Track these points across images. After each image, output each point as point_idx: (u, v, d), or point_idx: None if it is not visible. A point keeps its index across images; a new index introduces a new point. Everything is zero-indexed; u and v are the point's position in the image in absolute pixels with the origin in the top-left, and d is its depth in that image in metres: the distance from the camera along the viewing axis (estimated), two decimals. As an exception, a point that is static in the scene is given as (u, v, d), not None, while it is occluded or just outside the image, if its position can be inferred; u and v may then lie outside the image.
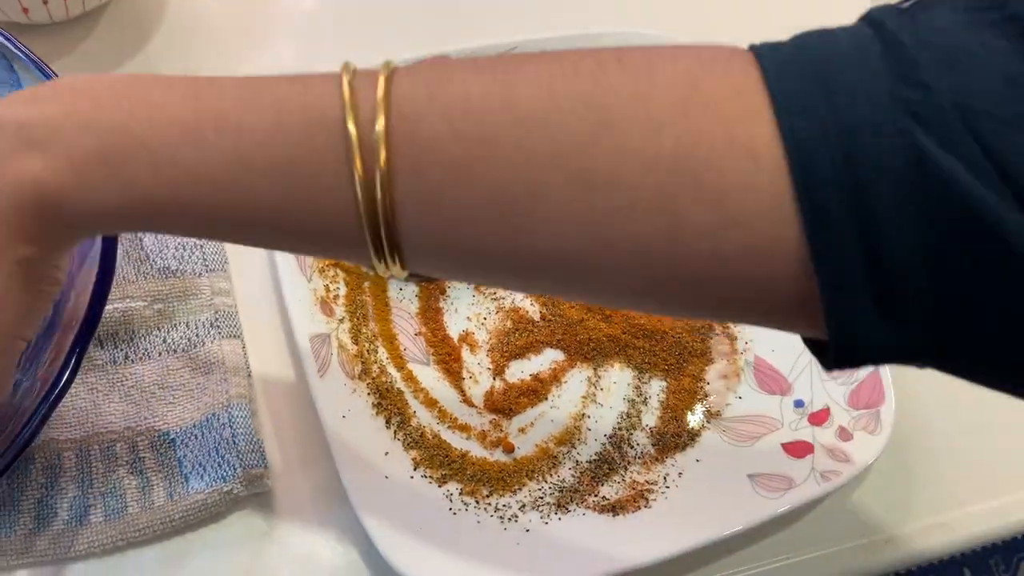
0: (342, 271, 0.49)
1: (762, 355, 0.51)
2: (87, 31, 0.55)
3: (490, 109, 0.26)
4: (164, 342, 0.45)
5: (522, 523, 0.44)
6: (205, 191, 0.27)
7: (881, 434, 0.46)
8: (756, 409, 0.49)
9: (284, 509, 0.44)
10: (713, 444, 0.48)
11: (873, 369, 0.48)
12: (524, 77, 0.27)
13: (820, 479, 0.45)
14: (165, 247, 0.47)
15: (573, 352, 0.50)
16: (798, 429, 0.48)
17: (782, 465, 0.46)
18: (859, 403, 0.48)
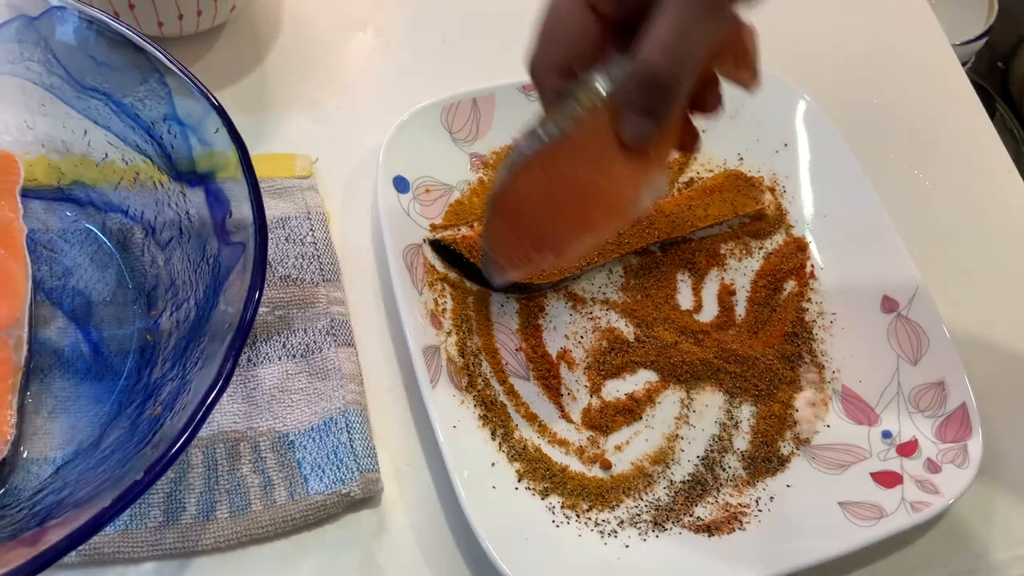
0: (448, 285, 0.51)
1: (849, 385, 0.52)
2: (210, 44, 0.58)
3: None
4: (284, 347, 0.47)
5: (621, 539, 0.45)
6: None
7: (969, 468, 0.47)
8: (844, 438, 0.50)
9: (393, 512, 0.45)
10: (803, 470, 0.49)
11: (961, 403, 0.49)
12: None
13: (911, 509, 0.46)
14: (286, 256, 0.49)
15: (667, 374, 0.52)
16: (887, 460, 0.49)
17: (872, 494, 0.47)
18: (947, 436, 0.49)
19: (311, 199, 0.52)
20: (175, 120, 0.42)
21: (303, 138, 0.56)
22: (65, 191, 0.47)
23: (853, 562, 0.47)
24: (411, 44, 0.62)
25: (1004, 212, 0.63)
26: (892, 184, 0.62)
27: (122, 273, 0.46)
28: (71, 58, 0.43)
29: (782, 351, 0.53)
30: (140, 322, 0.45)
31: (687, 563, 0.45)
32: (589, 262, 0.53)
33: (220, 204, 0.41)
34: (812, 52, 0.68)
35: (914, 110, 0.67)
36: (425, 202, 0.53)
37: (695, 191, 0.58)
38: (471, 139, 0.56)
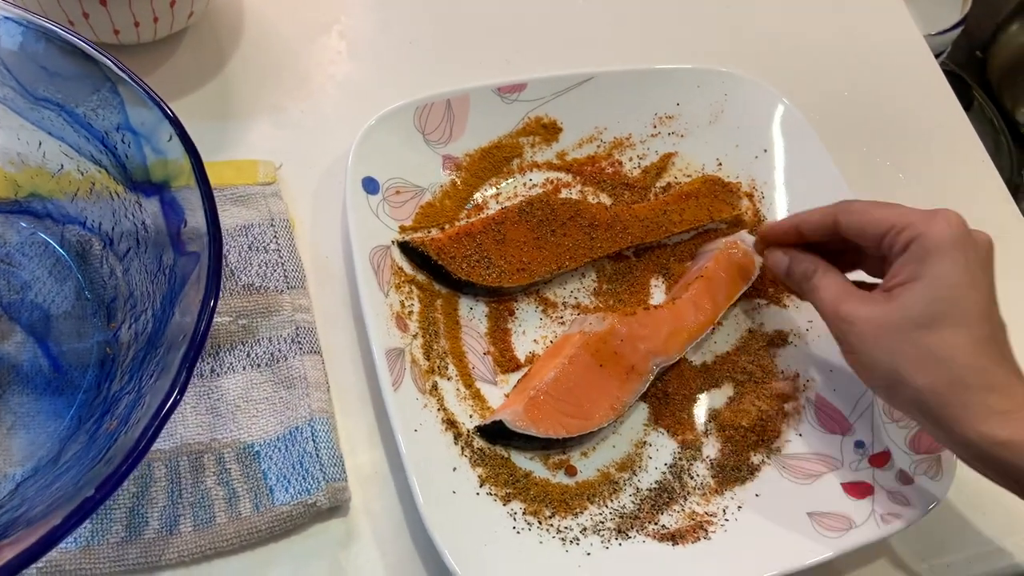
0: (416, 288, 0.51)
1: (823, 394, 0.52)
2: (170, 52, 0.57)
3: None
4: (248, 356, 0.46)
5: (583, 546, 0.45)
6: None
7: (942, 479, 0.47)
8: (816, 447, 0.50)
9: (361, 521, 0.45)
10: (772, 480, 0.49)
11: None
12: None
13: (880, 521, 0.46)
14: (249, 264, 0.49)
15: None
16: (858, 470, 0.48)
17: (842, 504, 0.47)
18: (920, 448, 0.48)
19: (275, 206, 0.51)
20: (128, 129, 0.42)
21: (268, 144, 0.55)
22: (22, 203, 0.47)
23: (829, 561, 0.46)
24: (378, 47, 0.62)
25: (979, 202, 0.63)
26: (864, 176, 0.62)
27: (81, 285, 0.46)
28: (22, 69, 0.43)
29: (756, 359, 0.53)
30: (99, 335, 0.44)
31: (648, 572, 0.44)
32: (561, 266, 0.53)
33: (175, 213, 0.40)
34: (784, 45, 0.68)
35: (886, 101, 0.67)
36: (395, 204, 0.53)
37: (671, 196, 0.57)
38: (444, 141, 0.56)
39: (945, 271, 0.42)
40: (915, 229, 0.43)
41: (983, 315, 0.42)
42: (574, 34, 0.65)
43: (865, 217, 0.45)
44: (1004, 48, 1.06)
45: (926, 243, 0.42)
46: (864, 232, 0.45)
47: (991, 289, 0.43)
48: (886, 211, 0.45)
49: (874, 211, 0.45)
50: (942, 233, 0.42)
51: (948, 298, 0.41)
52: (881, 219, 0.44)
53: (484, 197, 0.56)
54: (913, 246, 0.43)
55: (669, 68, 0.60)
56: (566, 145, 0.58)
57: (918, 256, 0.43)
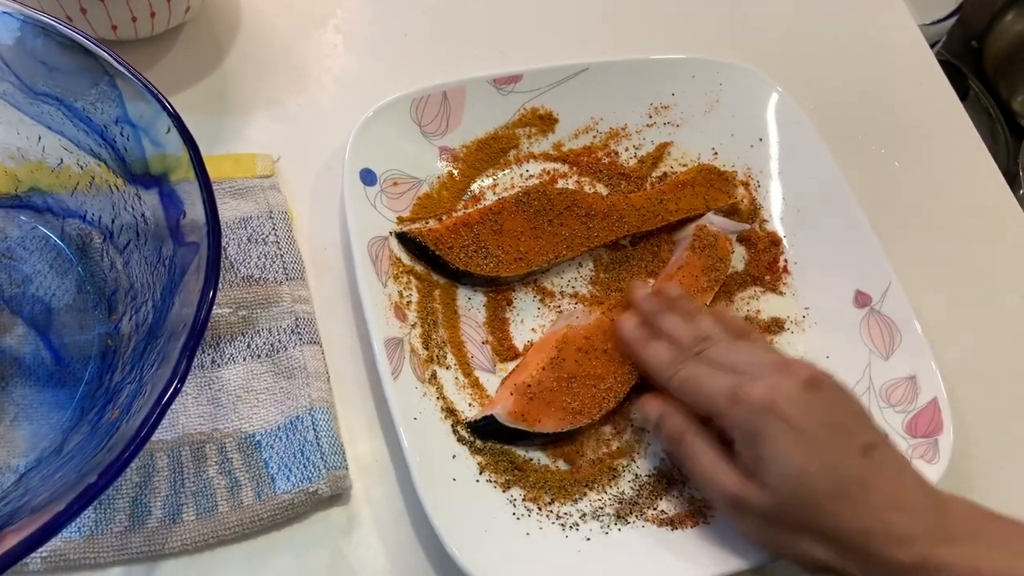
0: (414, 278, 0.51)
1: None
2: (168, 47, 0.57)
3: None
4: (248, 347, 0.47)
5: (583, 532, 0.45)
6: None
7: (939, 463, 0.47)
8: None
9: (362, 509, 0.45)
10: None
11: (932, 398, 0.49)
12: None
13: None
14: (248, 256, 0.49)
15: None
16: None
17: None
18: (917, 432, 0.49)
19: (273, 198, 0.52)
20: (127, 122, 0.42)
21: (266, 138, 0.56)
22: (22, 198, 0.47)
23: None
24: (373, 41, 0.62)
25: (975, 190, 0.63)
26: (860, 165, 0.62)
27: (82, 278, 0.46)
28: (21, 64, 0.43)
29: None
30: (101, 327, 0.45)
31: (648, 556, 0.45)
32: (558, 255, 0.53)
33: (174, 205, 0.40)
34: (779, 35, 0.68)
35: (881, 90, 0.67)
36: (392, 195, 0.53)
37: (667, 185, 0.58)
38: (441, 132, 0.56)
39: (778, 454, 0.40)
40: (726, 421, 0.42)
41: (839, 467, 0.40)
42: (569, 25, 0.66)
43: (687, 397, 0.44)
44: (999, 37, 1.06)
45: (743, 436, 0.41)
46: (692, 408, 0.45)
47: (839, 432, 0.41)
48: (704, 391, 0.43)
49: (695, 390, 0.44)
50: (749, 423, 0.41)
51: (797, 478, 0.40)
52: (697, 404, 0.44)
53: (481, 188, 0.56)
54: (736, 438, 0.42)
55: (664, 58, 0.60)
56: (562, 136, 0.59)
57: (746, 446, 0.41)
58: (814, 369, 0.43)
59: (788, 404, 0.40)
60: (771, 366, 0.43)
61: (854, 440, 0.41)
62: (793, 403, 0.40)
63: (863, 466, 0.40)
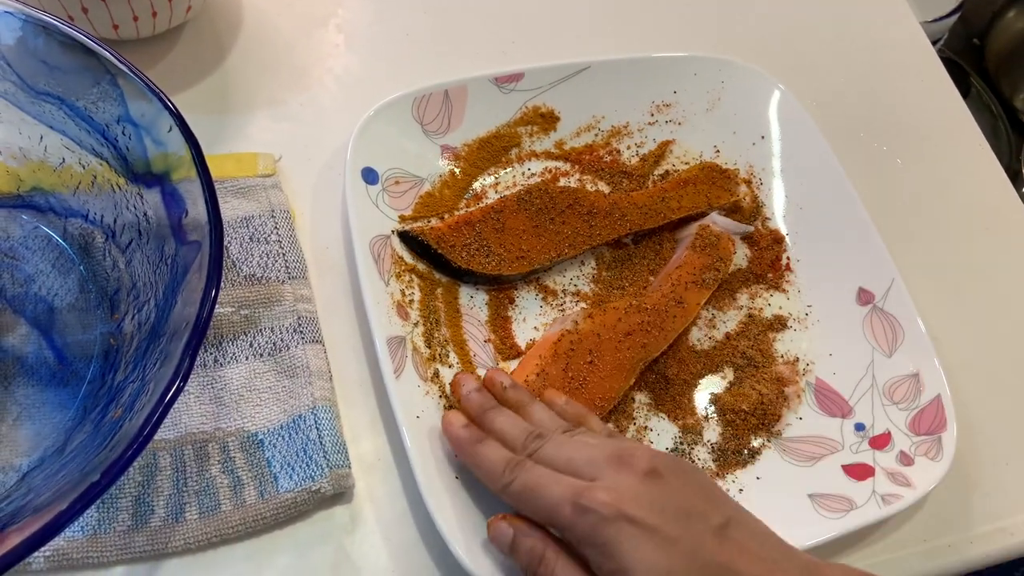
0: (417, 276, 0.51)
1: (823, 377, 0.52)
2: (169, 46, 0.57)
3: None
4: (251, 346, 0.47)
5: None
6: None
7: (943, 460, 0.47)
8: (817, 430, 0.50)
9: (365, 507, 0.45)
10: (773, 463, 0.49)
11: (936, 395, 0.49)
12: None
13: (881, 502, 0.46)
14: (250, 255, 0.49)
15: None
16: (859, 452, 0.49)
17: (843, 486, 0.47)
18: (920, 429, 0.49)
19: (275, 197, 0.52)
20: (129, 121, 0.42)
21: (268, 137, 0.56)
22: (24, 198, 0.47)
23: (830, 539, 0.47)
24: (374, 40, 0.62)
25: (977, 188, 0.63)
26: (861, 163, 0.62)
27: (84, 278, 0.46)
28: (23, 63, 0.43)
29: (756, 343, 0.53)
30: (103, 326, 0.45)
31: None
32: (560, 254, 0.53)
33: (176, 204, 0.40)
34: (781, 32, 0.68)
35: (883, 88, 0.67)
36: (394, 194, 0.53)
37: (669, 183, 0.58)
38: (442, 131, 0.56)
39: (638, 561, 0.37)
40: (573, 533, 0.39)
41: (700, 559, 0.37)
42: (570, 23, 0.66)
43: (527, 507, 0.41)
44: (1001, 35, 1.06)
45: (594, 548, 0.38)
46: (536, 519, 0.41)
47: (691, 519, 0.38)
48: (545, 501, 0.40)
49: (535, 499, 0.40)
50: (599, 533, 0.38)
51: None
52: (540, 515, 0.40)
53: (483, 186, 0.56)
54: (585, 549, 0.39)
55: (666, 56, 0.60)
56: (564, 134, 0.59)
57: (601, 558, 0.38)
58: (649, 455, 0.40)
59: (634, 505, 0.38)
60: (607, 462, 0.40)
61: (708, 523, 0.39)
62: (639, 502, 0.38)
63: (724, 550, 0.38)
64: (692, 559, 0.37)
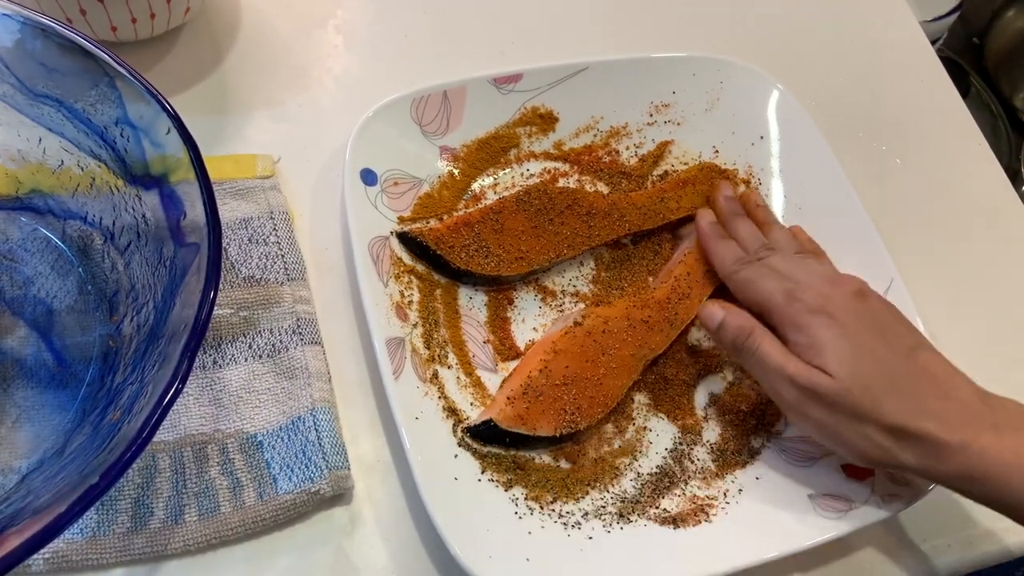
0: (416, 278, 0.51)
1: None
2: (168, 48, 0.57)
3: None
4: (250, 348, 0.47)
5: (585, 531, 0.45)
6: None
7: None
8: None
9: (364, 508, 0.45)
10: (773, 463, 0.49)
11: None
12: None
13: (880, 502, 0.46)
14: (249, 257, 0.49)
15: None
16: None
17: (842, 486, 0.47)
18: None
19: (273, 199, 0.52)
20: (127, 123, 0.42)
21: (266, 138, 0.56)
22: (23, 200, 0.47)
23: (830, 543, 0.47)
24: (373, 41, 0.62)
25: (977, 187, 0.63)
26: (861, 162, 0.62)
27: (83, 280, 0.46)
28: (21, 65, 0.43)
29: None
30: (102, 328, 0.45)
31: (650, 555, 0.45)
32: (559, 254, 0.53)
33: (175, 206, 0.40)
34: (780, 32, 0.68)
35: (882, 88, 0.67)
36: (393, 195, 0.53)
37: (668, 183, 0.58)
38: (441, 132, 0.56)
39: (834, 348, 0.43)
40: (781, 316, 0.46)
41: (888, 364, 0.43)
42: (569, 24, 0.66)
43: (743, 293, 0.49)
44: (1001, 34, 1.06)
45: (796, 328, 0.45)
46: (745, 303, 0.49)
47: (886, 335, 0.44)
48: (762, 287, 0.48)
49: (753, 287, 0.48)
50: (804, 321, 0.44)
51: (853, 368, 0.43)
52: (753, 300, 0.48)
53: (482, 187, 0.56)
54: (789, 331, 0.45)
55: (664, 56, 0.60)
56: (563, 135, 0.59)
57: (801, 335, 0.44)
58: (862, 283, 0.47)
59: (838, 309, 0.44)
60: (823, 278, 0.47)
61: (901, 342, 0.44)
62: (842, 309, 0.44)
63: (910, 363, 0.43)
64: (880, 364, 0.43)
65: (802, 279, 0.47)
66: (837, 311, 0.44)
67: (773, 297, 0.46)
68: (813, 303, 0.45)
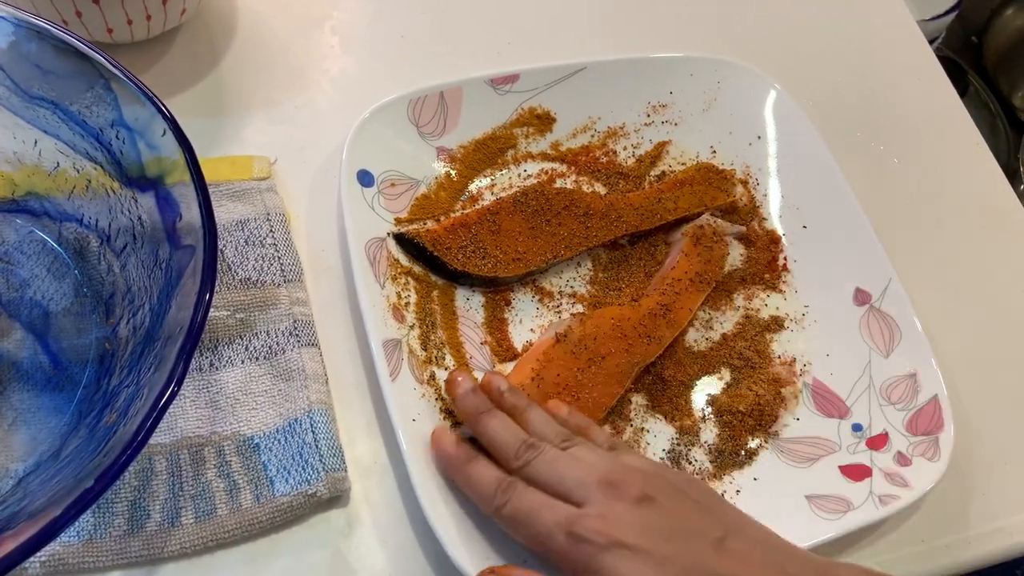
0: (412, 279, 0.51)
1: (821, 378, 0.52)
2: (164, 49, 0.57)
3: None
4: (246, 350, 0.47)
5: None
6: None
7: (940, 461, 0.47)
8: (814, 431, 0.50)
9: (362, 511, 0.45)
10: (770, 464, 0.49)
11: (933, 395, 0.49)
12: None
13: (879, 503, 0.46)
14: (246, 258, 0.49)
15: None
16: (856, 452, 0.48)
17: (840, 487, 0.47)
18: (918, 429, 0.48)
19: (270, 200, 0.52)
20: (122, 125, 0.42)
21: (263, 140, 0.56)
22: (19, 202, 0.47)
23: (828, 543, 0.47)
24: (370, 41, 0.62)
25: (975, 186, 0.63)
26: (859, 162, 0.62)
27: (79, 282, 0.46)
28: (17, 67, 0.43)
29: (752, 344, 0.53)
30: (98, 330, 0.45)
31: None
32: (556, 255, 0.53)
33: (170, 208, 0.40)
34: (777, 32, 0.68)
35: (880, 87, 0.67)
36: (390, 196, 0.53)
37: (665, 184, 0.58)
38: (438, 133, 0.56)
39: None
40: (567, 562, 0.39)
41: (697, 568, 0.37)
42: (566, 24, 0.66)
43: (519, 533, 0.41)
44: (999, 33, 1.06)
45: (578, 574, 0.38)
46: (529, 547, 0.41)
47: (687, 538, 0.38)
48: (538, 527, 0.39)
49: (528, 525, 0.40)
50: (596, 562, 0.38)
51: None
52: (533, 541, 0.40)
53: (479, 188, 0.56)
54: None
55: (661, 57, 0.60)
56: (560, 135, 0.59)
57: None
58: (641, 479, 0.40)
59: (627, 531, 0.38)
60: (598, 486, 0.40)
61: (706, 538, 0.38)
62: (632, 528, 0.38)
63: (725, 562, 0.38)
64: (697, 567, 0.37)
65: (576, 492, 0.40)
66: (626, 535, 0.38)
67: (553, 540, 0.39)
68: (600, 538, 0.38)
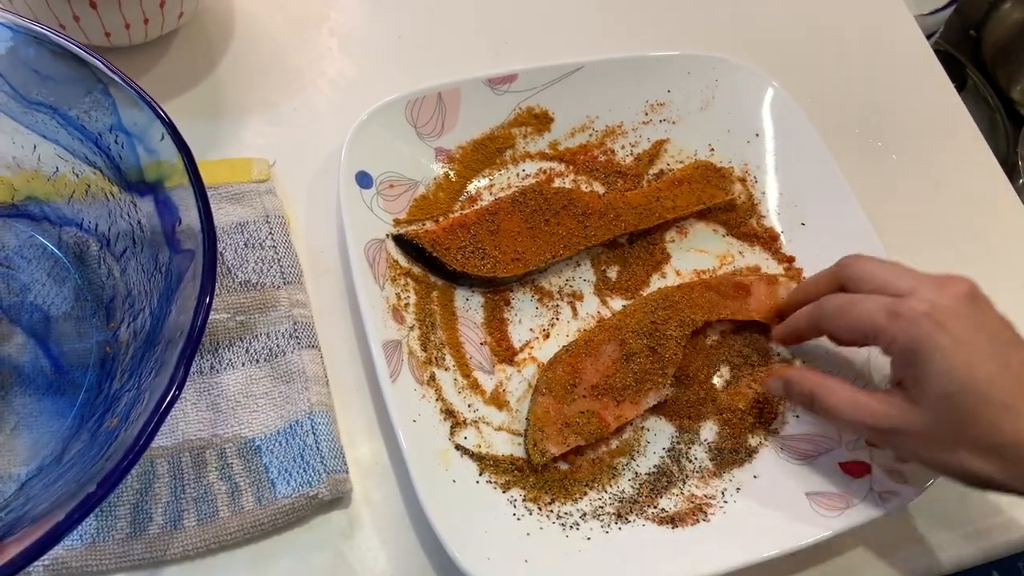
0: (412, 280, 0.51)
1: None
2: (162, 52, 0.58)
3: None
4: (246, 352, 0.47)
5: (583, 531, 0.45)
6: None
7: None
8: (813, 428, 0.50)
9: (363, 512, 0.45)
10: (770, 461, 0.49)
11: None
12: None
13: (878, 500, 0.46)
14: (245, 261, 0.49)
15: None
16: (855, 449, 0.49)
17: (840, 484, 0.47)
18: None
19: (269, 203, 0.52)
20: (121, 130, 0.42)
21: (261, 142, 0.56)
22: (19, 207, 0.47)
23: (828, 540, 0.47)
24: (367, 43, 0.62)
25: (974, 181, 0.63)
26: (857, 158, 0.62)
27: (80, 286, 0.46)
28: (14, 73, 0.43)
29: (752, 342, 0.53)
30: (99, 334, 0.45)
31: (648, 555, 0.45)
32: (555, 255, 0.53)
33: (169, 212, 0.41)
34: (774, 29, 0.68)
35: (877, 83, 0.67)
36: (389, 197, 0.53)
37: (663, 183, 0.58)
38: (436, 134, 0.56)
39: (941, 367, 0.40)
40: (885, 337, 0.42)
41: (1002, 378, 0.40)
42: (563, 24, 0.66)
43: (840, 322, 0.44)
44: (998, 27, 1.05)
45: (902, 351, 0.41)
46: (847, 337, 0.45)
47: (1001, 343, 0.41)
48: (859, 311, 0.43)
49: (850, 313, 0.44)
50: (911, 336, 0.41)
51: (960, 386, 0.40)
52: (853, 327, 0.44)
53: (478, 188, 0.56)
54: (894, 354, 0.42)
55: (659, 55, 0.60)
56: (558, 135, 0.59)
57: (905, 363, 0.41)
58: (970, 283, 0.43)
59: (950, 318, 0.41)
60: (926, 280, 0.43)
61: (1017, 352, 0.41)
62: (955, 317, 0.41)
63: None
64: (993, 375, 0.39)
65: (903, 284, 0.43)
66: (949, 319, 0.40)
67: (875, 317, 0.42)
68: (921, 317, 0.41)
